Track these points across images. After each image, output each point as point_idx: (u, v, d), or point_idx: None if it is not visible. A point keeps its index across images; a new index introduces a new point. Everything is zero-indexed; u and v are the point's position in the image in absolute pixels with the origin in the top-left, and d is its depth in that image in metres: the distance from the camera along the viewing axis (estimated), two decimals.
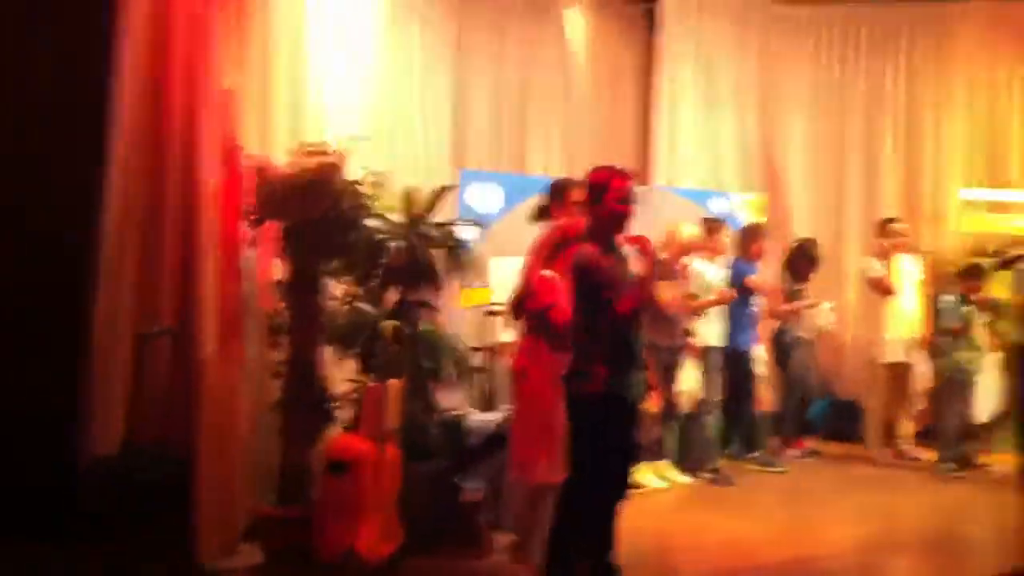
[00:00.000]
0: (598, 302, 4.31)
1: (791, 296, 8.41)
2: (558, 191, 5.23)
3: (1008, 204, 9.28)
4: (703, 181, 9.39)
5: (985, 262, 8.25)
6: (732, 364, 7.83)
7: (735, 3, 9.71)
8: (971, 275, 8.15)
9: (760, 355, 8.11)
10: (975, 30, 9.79)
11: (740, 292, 7.75)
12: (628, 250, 4.53)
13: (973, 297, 8.07)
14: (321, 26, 6.16)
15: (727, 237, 7.84)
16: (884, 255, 8.54)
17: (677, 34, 9.34)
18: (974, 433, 8.10)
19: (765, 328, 8.27)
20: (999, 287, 8.32)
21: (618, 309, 4.32)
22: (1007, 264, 8.03)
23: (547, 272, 4.67)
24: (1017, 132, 9.82)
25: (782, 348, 8.38)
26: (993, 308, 8.01)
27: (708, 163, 9.53)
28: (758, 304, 8.03)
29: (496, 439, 5.43)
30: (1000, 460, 7.85)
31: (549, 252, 4.74)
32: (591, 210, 4.47)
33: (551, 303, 4.57)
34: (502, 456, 5.23)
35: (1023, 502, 6.86)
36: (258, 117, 5.57)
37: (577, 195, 4.88)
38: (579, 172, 5.15)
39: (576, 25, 9.02)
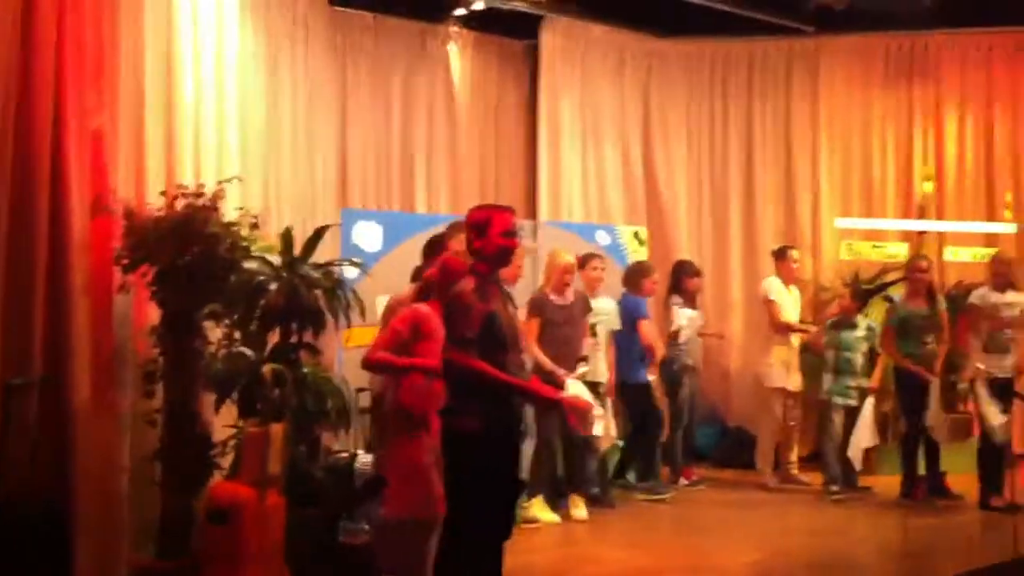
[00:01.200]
0: (471, 339, 4.27)
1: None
2: (434, 244, 5.25)
3: (883, 232, 9.60)
4: (589, 215, 9.48)
5: (859, 288, 8.47)
6: (635, 397, 7.89)
7: (615, 39, 9.86)
8: (849, 300, 8.35)
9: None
10: (847, 63, 10.15)
11: (629, 326, 7.84)
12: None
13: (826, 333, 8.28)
14: (196, 65, 6.04)
15: (599, 270, 7.83)
16: (785, 283, 8.69)
17: (558, 70, 9.43)
18: (857, 456, 8.27)
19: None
20: (878, 312, 8.60)
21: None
22: (877, 291, 8.30)
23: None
24: (891, 161, 10.20)
25: (670, 377, 8.47)
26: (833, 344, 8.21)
27: (593, 197, 9.62)
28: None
29: (377, 480, 5.34)
30: (884, 482, 8.06)
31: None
32: (475, 248, 4.44)
33: (396, 327, 4.52)
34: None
35: (906, 520, 7.11)
36: (129, 158, 5.44)
37: (456, 245, 4.92)
38: (464, 209, 5.15)
39: (459, 62, 9.06)
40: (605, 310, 7.71)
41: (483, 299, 4.31)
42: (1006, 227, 9.52)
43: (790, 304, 8.65)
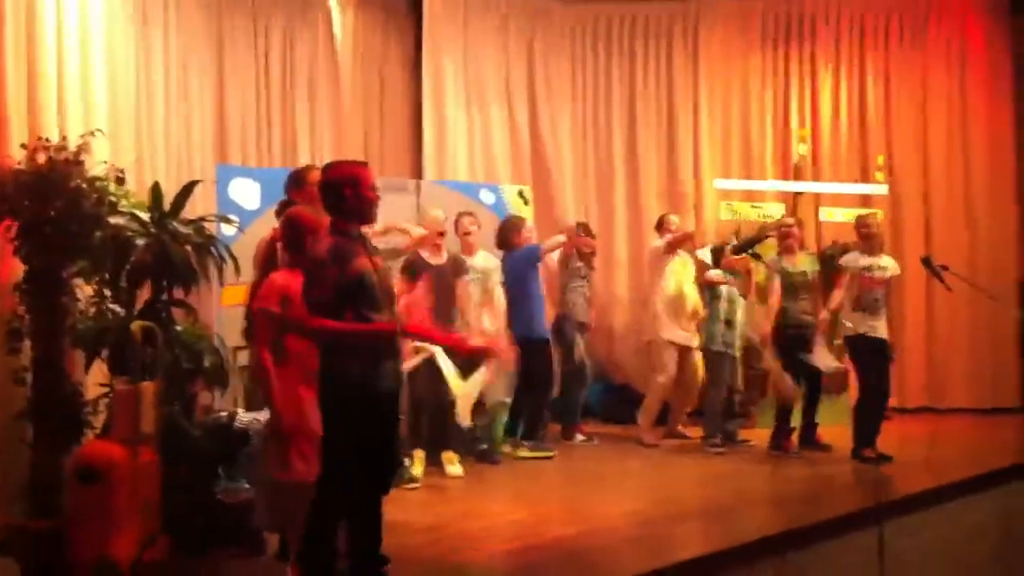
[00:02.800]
0: (326, 302, 4.22)
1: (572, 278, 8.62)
2: (297, 179, 5.18)
3: (762, 193, 9.82)
4: (474, 174, 9.48)
5: (728, 245, 8.64)
6: (532, 354, 7.92)
7: None
8: (719, 258, 8.52)
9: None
10: (726, 27, 10.33)
11: (521, 281, 7.87)
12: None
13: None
14: (59, 15, 5.84)
15: (471, 228, 7.81)
16: (671, 248, 8.72)
17: (442, 28, 9.38)
18: (735, 411, 8.50)
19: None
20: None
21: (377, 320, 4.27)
22: (744, 247, 8.48)
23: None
24: (768, 124, 10.43)
25: (564, 335, 8.55)
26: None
27: (479, 156, 9.62)
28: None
29: (240, 436, 5.31)
30: (762, 435, 8.29)
31: (269, 252, 4.71)
32: (336, 206, 4.35)
33: (262, 307, 4.53)
34: (261, 455, 5.11)
35: (781, 471, 7.33)
36: None
37: (315, 177, 4.81)
38: None
39: (340, 17, 8.93)
40: (480, 267, 7.73)
41: (347, 259, 4.22)
42: (878, 188, 9.85)
43: (679, 267, 8.74)
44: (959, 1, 10.40)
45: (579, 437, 8.67)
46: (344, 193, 4.32)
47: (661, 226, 8.96)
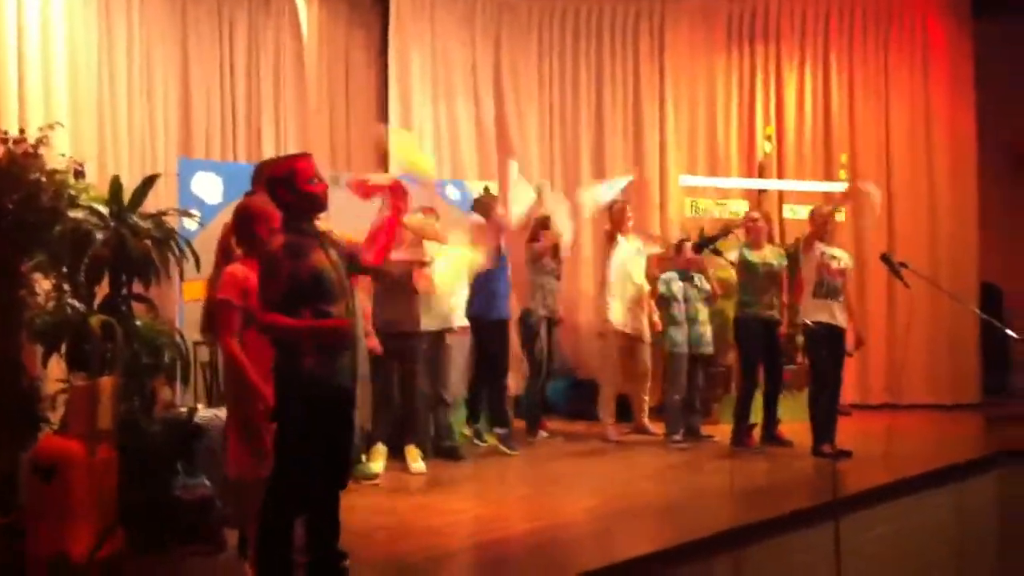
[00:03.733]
0: (279, 300, 4.21)
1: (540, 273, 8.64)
2: (257, 172, 5.17)
3: (727, 190, 9.89)
4: (441, 169, 9.46)
5: (686, 241, 8.69)
6: (490, 334, 7.90)
7: None
8: (679, 253, 8.57)
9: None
10: (691, 25, 10.39)
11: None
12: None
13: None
14: (20, 9, 5.80)
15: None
16: (610, 237, 8.79)
17: (408, 22, 9.38)
18: (696, 406, 8.55)
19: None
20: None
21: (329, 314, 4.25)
22: (706, 243, 8.54)
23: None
24: (734, 122, 10.50)
25: (527, 329, 8.57)
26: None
27: (446, 151, 9.62)
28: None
29: (199, 431, 5.30)
30: (725, 431, 8.34)
31: (224, 244, 4.69)
32: (280, 203, 4.30)
33: (225, 298, 4.52)
34: (220, 451, 5.11)
35: (742, 466, 7.39)
36: None
37: None
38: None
39: (306, 10, 8.91)
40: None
41: (300, 254, 4.19)
42: (842, 186, 9.91)
43: (631, 253, 8.74)
44: (921, 2, 10.50)
45: (542, 434, 8.70)
46: (281, 191, 4.29)
47: (609, 214, 8.91)
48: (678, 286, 8.43)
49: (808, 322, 7.67)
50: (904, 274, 7.46)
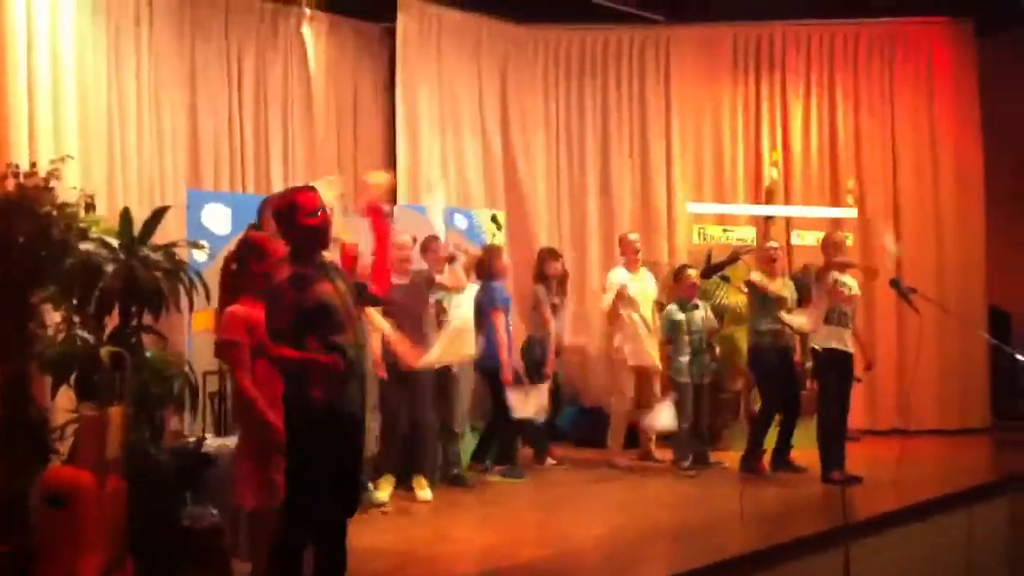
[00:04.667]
0: (284, 331, 4.24)
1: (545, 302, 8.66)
2: (264, 205, 5.22)
3: (734, 216, 9.91)
4: (448, 199, 9.50)
5: (687, 268, 8.70)
6: (497, 382, 7.93)
7: (472, 24, 9.94)
8: (679, 281, 8.58)
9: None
10: (697, 52, 10.46)
11: (485, 314, 7.89)
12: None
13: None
14: (31, 45, 5.88)
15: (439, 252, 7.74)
16: (627, 267, 8.78)
17: (415, 54, 9.45)
18: (704, 434, 8.54)
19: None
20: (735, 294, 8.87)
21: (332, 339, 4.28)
22: (714, 270, 8.55)
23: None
24: (740, 148, 10.54)
25: (534, 361, 8.58)
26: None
27: (453, 181, 9.68)
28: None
29: (207, 461, 5.32)
30: (735, 457, 8.33)
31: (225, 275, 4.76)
32: (285, 237, 4.35)
33: (230, 339, 4.57)
34: (229, 480, 5.13)
35: (752, 492, 7.37)
36: None
37: None
38: None
39: (314, 44, 9.00)
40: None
41: (306, 286, 4.23)
42: (849, 212, 9.95)
43: (637, 288, 8.75)
44: (926, 27, 10.56)
45: (550, 461, 8.70)
46: (282, 225, 4.35)
47: (621, 243, 8.98)
48: (680, 317, 8.42)
49: (819, 348, 7.69)
50: (913, 299, 7.47)
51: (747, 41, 10.56)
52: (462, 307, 7.62)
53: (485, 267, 8.15)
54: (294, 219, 4.31)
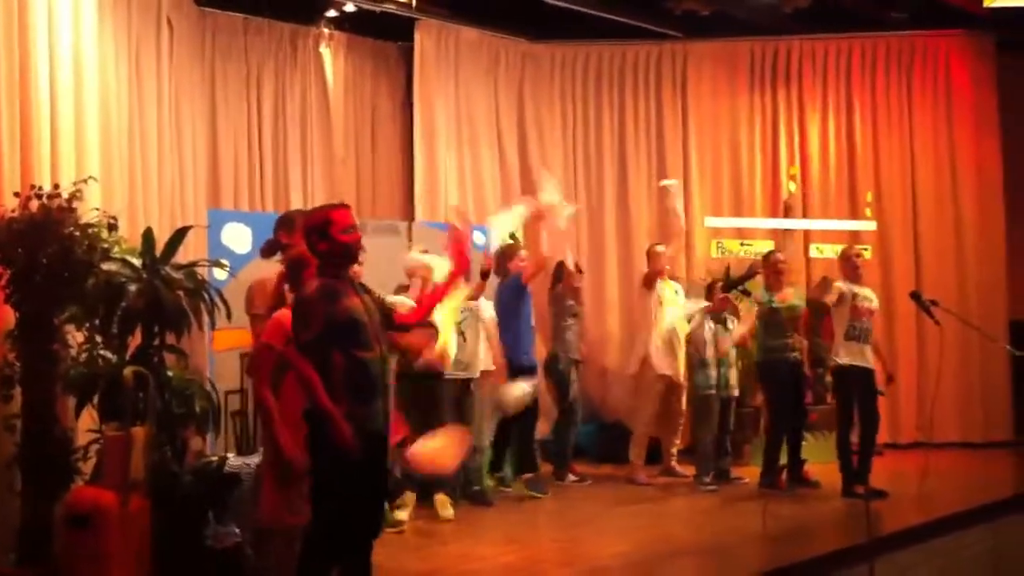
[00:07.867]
0: (310, 342, 4.25)
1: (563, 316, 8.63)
2: (286, 221, 5.24)
3: (752, 230, 9.89)
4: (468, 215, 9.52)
5: (718, 283, 8.70)
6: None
7: (488, 42, 9.98)
8: (710, 296, 8.57)
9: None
10: (714, 67, 10.46)
11: (511, 309, 7.86)
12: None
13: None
14: (53, 65, 5.92)
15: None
16: (648, 281, 8.74)
17: (432, 72, 9.48)
18: (727, 448, 8.51)
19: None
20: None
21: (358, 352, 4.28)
22: (735, 284, 8.54)
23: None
24: (758, 162, 10.53)
25: (558, 374, 8.56)
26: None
27: (470, 198, 9.69)
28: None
29: (229, 480, 5.33)
30: (756, 473, 8.29)
31: (277, 292, 4.76)
32: (317, 251, 4.37)
33: (267, 342, 4.58)
34: (252, 499, 5.14)
35: (772, 508, 7.33)
36: None
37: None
38: None
39: (332, 63, 9.05)
40: (470, 305, 7.70)
41: (336, 298, 4.24)
42: (867, 225, 9.91)
43: (669, 298, 8.71)
44: (944, 40, 10.53)
45: (571, 477, 8.66)
46: (316, 240, 4.36)
47: (648, 255, 8.95)
48: (708, 328, 8.40)
49: (840, 363, 7.66)
50: (934, 311, 7.44)
51: (764, 56, 10.54)
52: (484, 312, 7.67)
53: (502, 266, 8.12)
54: (329, 233, 4.33)
